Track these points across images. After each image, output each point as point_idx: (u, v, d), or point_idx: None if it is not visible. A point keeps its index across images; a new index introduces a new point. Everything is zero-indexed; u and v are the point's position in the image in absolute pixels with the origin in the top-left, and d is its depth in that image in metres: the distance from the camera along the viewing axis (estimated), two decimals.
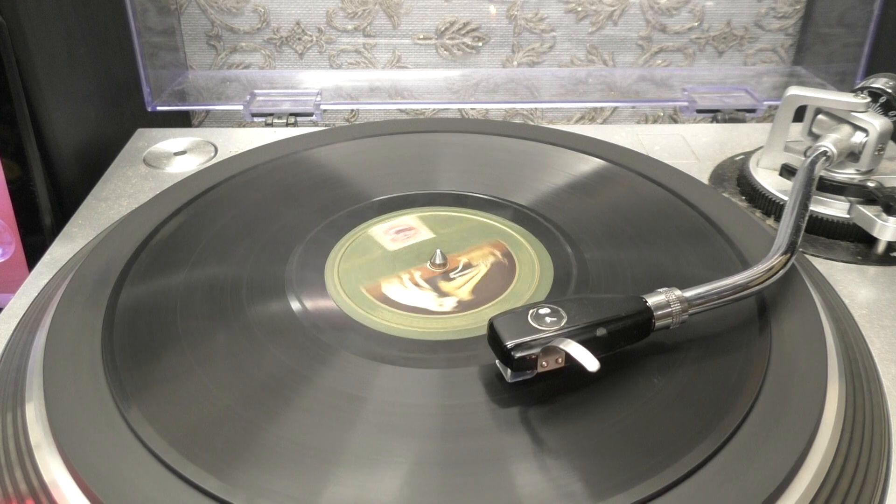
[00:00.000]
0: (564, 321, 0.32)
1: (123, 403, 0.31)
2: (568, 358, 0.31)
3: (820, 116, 0.51)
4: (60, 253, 0.47)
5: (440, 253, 0.42)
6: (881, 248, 0.47)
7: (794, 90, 0.52)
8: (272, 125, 0.68)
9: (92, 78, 0.63)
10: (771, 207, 0.51)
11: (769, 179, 0.53)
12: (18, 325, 0.41)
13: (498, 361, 0.33)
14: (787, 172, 0.51)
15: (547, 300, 0.35)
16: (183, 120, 0.83)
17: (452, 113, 0.84)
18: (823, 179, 0.48)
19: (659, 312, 0.33)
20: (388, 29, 0.79)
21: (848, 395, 0.34)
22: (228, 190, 0.48)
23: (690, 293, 0.34)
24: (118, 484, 0.28)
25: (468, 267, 0.41)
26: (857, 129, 0.49)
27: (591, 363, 0.30)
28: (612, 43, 0.80)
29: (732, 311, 0.36)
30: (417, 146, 0.54)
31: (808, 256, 0.46)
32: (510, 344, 0.31)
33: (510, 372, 0.32)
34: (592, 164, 0.51)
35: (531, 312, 0.32)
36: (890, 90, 0.50)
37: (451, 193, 0.48)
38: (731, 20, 0.80)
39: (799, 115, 0.53)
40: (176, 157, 0.60)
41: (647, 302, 0.33)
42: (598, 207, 0.46)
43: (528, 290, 0.40)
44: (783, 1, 0.79)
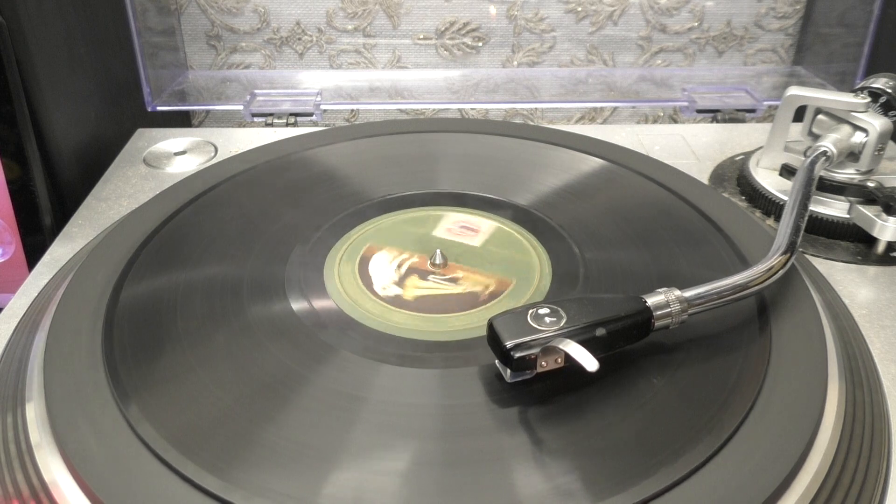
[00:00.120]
0: (564, 321, 0.32)
1: (123, 403, 0.31)
2: (567, 358, 0.31)
3: (820, 116, 0.51)
4: (60, 253, 0.47)
5: (440, 253, 0.42)
6: (881, 248, 0.47)
7: (794, 90, 0.52)
8: (272, 125, 0.68)
9: (92, 78, 0.63)
10: (771, 207, 0.51)
11: (769, 179, 0.53)
12: (18, 325, 0.41)
13: (497, 361, 0.33)
14: (787, 172, 0.51)
15: (546, 300, 0.35)
16: (183, 120, 0.83)
17: (452, 113, 0.84)
18: (823, 179, 0.48)
19: (658, 312, 0.33)
20: (388, 29, 0.79)
21: (848, 395, 0.34)
22: (228, 190, 0.48)
23: (690, 293, 0.34)
24: (118, 483, 0.28)
25: (449, 281, 0.41)
26: (857, 129, 0.49)
27: (590, 363, 0.30)
28: (612, 43, 0.80)
29: (732, 311, 0.36)
30: (417, 146, 0.54)
31: (808, 256, 0.46)
32: (510, 344, 0.31)
33: (510, 372, 0.32)
34: (592, 164, 0.51)
35: (531, 312, 0.32)
36: (890, 90, 0.50)
37: (451, 193, 0.48)
38: (731, 20, 0.80)
39: (799, 115, 0.53)
40: (176, 157, 0.60)
41: (646, 302, 0.33)
42: (598, 207, 0.46)
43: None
44: (783, 1, 0.79)
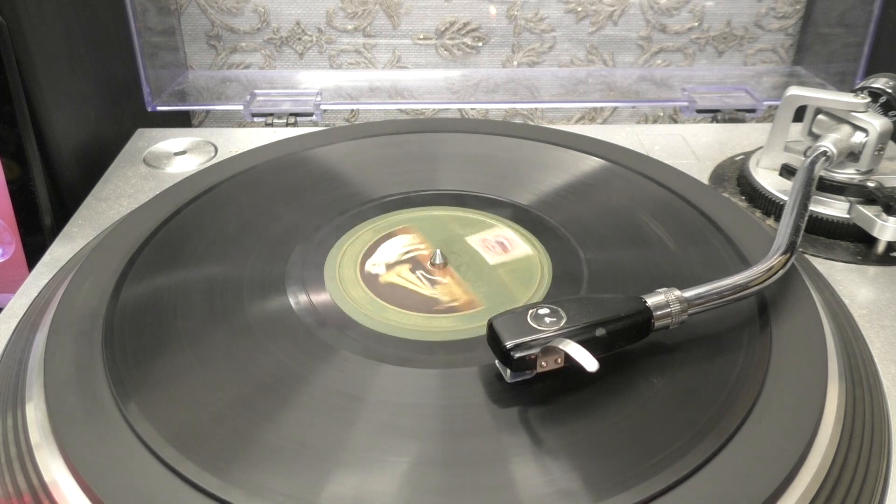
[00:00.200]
0: (564, 321, 0.32)
1: (123, 402, 0.31)
2: (567, 358, 0.31)
3: (820, 116, 0.51)
4: (60, 253, 0.47)
5: (440, 254, 0.42)
6: (881, 248, 0.47)
7: (794, 90, 0.52)
8: (272, 125, 0.68)
9: (92, 78, 0.63)
10: (771, 207, 0.51)
11: (769, 179, 0.53)
12: (18, 325, 0.41)
13: (497, 361, 0.33)
14: (787, 172, 0.51)
15: (546, 300, 0.35)
16: (183, 120, 0.83)
17: (452, 113, 0.84)
18: (823, 179, 0.48)
19: (658, 312, 0.33)
20: (388, 29, 0.79)
21: (848, 395, 0.34)
22: (228, 190, 0.48)
23: (690, 293, 0.34)
24: (118, 483, 0.28)
25: (429, 282, 0.41)
26: (857, 129, 0.49)
27: (590, 363, 0.30)
28: (612, 43, 0.80)
29: (732, 311, 0.36)
30: (417, 146, 0.54)
31: (808, 256, 0.46)
32: (509, 344, 0.31)
33: (510, 372, 0.32)
34: (592, 164, 0.51)
35: (530, 313, 0.32)
36: (890, 90, 0.50)
37: (451, 193, 0.48)
38: (731, 20, 0.80)
39: (799, 115, 0.53)
40: (176, 157, 0.60)
41: (646, 302, 0.33)
42: (598, 207, 0.46)
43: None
44: (783, 1, 0.79)
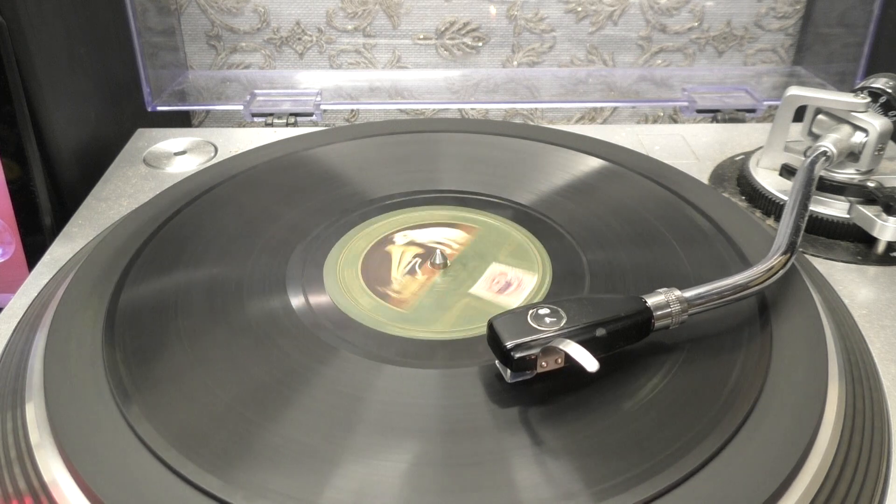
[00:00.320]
0: (564, 321, 0.32)
1: (123, 403, 0.31)
2: (567, 358, 0.31)
3: (820, 116, 0.51)
4: (60, 253, 0.47)
5: (440, 254, 0.42)
6: (881, 248, 0.47)
7: (794, 90, 0.52)
8: (272, 125, 0.68)
9: (92, 78, 0.63)
10: (771, 207, 0.51)
11: (769, 179, 0.53)
12: (18, 325, 0.41)
13: (497, 362, 0.33)
14: (787, 172, 0.51)
15: (546, 300, 0.35)
16: (183, 120, 0.83)
17: (452, 113, 0.84)
18: (823, 179, 0.48)
19: (658, 313, 0.33)
20: (388, 29, 0.79)
21: (848, 395, 0.34)
22: (228, 190, 0.48)
23: (690, 293, 0.34)
24: (118, 483, 0.28)
25: (412, 272, 0.41)
26: (857, 129, 0.49)
27: (590, 363, 0.30)
28: (612, 43, 0.80)
29: (732, 311, 0.36)
30: (417, 146, 0.54)
31: (808, 256, 0.46)
32: (510, 344, 0.31)
33: (510, 372, 0.32)
34: (592, 164, 0.51)
35: (531, 313, 0.32)
36: (890, 90, 0.50)
37: (451, 193, 0.48)
38: (731, 20, 0.80)
39: (799, 115, 0.53)
40: (176, 157, 0.60)
41: (646, 302, 0.33)
42: (598, 207, 0.46)
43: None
44: (783, 1, 0.79)
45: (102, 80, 0.65)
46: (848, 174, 0.49)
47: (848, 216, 0.48)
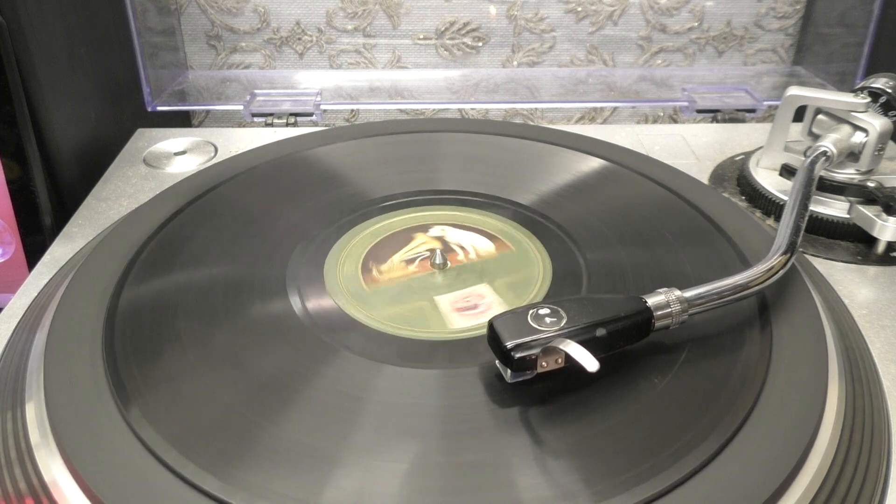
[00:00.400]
0: (564, 321, 0.32)
1: (123, 403, 0.31)
2: (568, 358, 0.31)
3: (820, 116, 0.51)
4: (60, 253, 0.47)
5: (440, 254, 0.42)
6: (881, 248, 0.47)
7: (794, 90, 0.52)
8: (272, 125, 0.68)
9: (92, 78, 0.63)
10: (771, 207, 0.51)
11: (769, 179, 0.53)
12: (18, 325, 0.41)
13: (498, 362, 0.33)
14: (787, 172, 0.51)
15: (547, 300, 0.35)
16: (183, 120, 0.83)
17: (452, 113, 0.84)
18: (823, 179, 0.48)
19: (659, 313, 0.33)
20: (388, 29, 0.79)
21: (848, 395, 0.34)
22: (229, 190, 0.48)
23: (690, 293, 0.34)
24: (118, 484, 0.28)
25: (409, 261, 0.42)
26: (857, 129, 0.49)
27: (590, 363, 0.30)
28: (612, 43, 0.80)
29: (732, 311, 0.36)
30: (417, 146, 0.54)
31: (808, 256, 0.46)
32: (510, 344, 0.31)
33: (510, 372, 0.32)
34: (592, 164, 0.51)
35: (531, 313, 0.32)
36: (890, 90, 0.50)
37: (451, 193, 0.48)
38: (731, 20, 0.80)
39: (799, 115, 0.53)
40: (176, 157, 0.60)
41: (646, 302, 0.33)
42: (598, 207, 0.46)
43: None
44: (783, 1, 0.79)
45: (102, 80, 0.65)
46: (848, 174, 0.49)
47: (848, 216, 0.48)
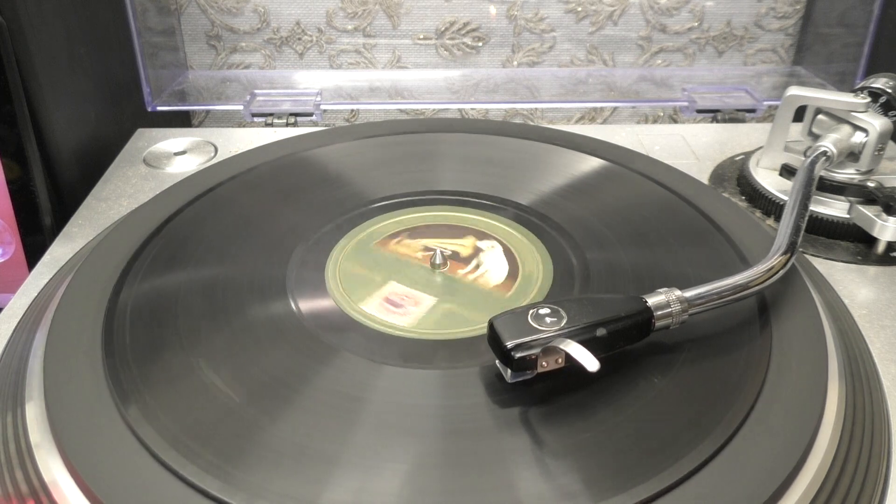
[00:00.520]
0: (564, 321, 0.32)
1: (123, 403, 0.31)
2: (568, 358, 0.31)
3: (820, 116, 0.51)
4: (60, 253, 0.47)
5: (440, 254, 0.42)
6: (881, 248, 0.47)
7: (794, 90, 0.52)
8: (272, 125, 0.68)
9: (92, 78, 0.63)
10: (771, 207, 0.51)
11: (769, 179, 0.53)
12: (18, 325, 0.41)
13: (498, 362, 0.33)
14: (787, 172, 0.51)
15: (547, 300, 0.35)
16: (183, 120, 0.83)
17: (452, 113, 0.84)
18: (823, 179, 0.48)
19: (659, 312, 0.33)
20: (388, 29, 0.79)
21: (848, 395, 0.34)
22: (228, 190, 0.48)
23: (690, 293, 0.34)
24: (118, 484, 0.28)
25: (425, 250, 0.41)
26: (857, 129, 0.49)
27: (590, 363, 0.30)
28: (612, 43, 0.80)
29: (732, 311, 0.36)
30: (417, 146, 0.54)
31: (808, 256, 0.46)
32: (510, 344, 0.31)
33: (510, 372, 0.32)
34: (592, 164, 0.51)
35: (531, 313, 0.32)
36: (890, 90, 0.50)
37: (451, 193, 0.48)
38: (731, 20, 0.80)
39: (799, 115, 0.53)
40: (176, 157, 0.60)
41: (646, 302, 0.33)
42: (598, 207, 0.46)
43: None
44: (783, 1, 0.79)
45: (102, 80, 0.65)
46: (848, 174, 0.49)
47: (848, 216, 0.48)
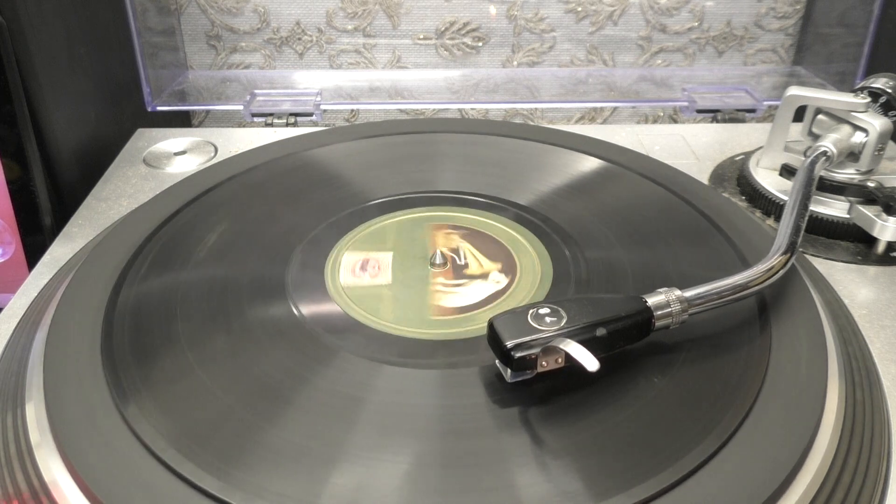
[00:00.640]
0: (564, 321, 0.32)
1: (123, 403, 0.31)
2: (568, 358, 0.31)
3: (820, 116, 0.51)
4: (60, 253, 0.47)
5: (440, 254, 0.42)
6: (881, 248, 0.47)
7: (794, 90, 0.52)
8: (272, 125, 0.68)
9: (92, 78, 0.63)
10: (771, 207, 0.51)
11: (769, 179, 0.53)
12: (18, 325, 0.41)
13: (498, 361, 0.33)
14: (787, 172, 0.51)
15: (547, 300, 0.35)
16: (183, 120, 0.83)
17: (452, 113, 0.84)
18: (823, 179, 0.48)
19: (659, 312, 0.33)
20: (388, 29, 0.79)
21: (848, 395, 0.34)
22: (228, 190, 0.48)
23: (690, 293, 0.34)
24: (118, 484, 0.28)
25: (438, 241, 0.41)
26: (857, 129, 0.49)
27: (590, 363, 0.30)
28: (612, 43, 0.80)
29: (732, 311, 0.36)
30: (417, 146, 0.54)
31: (808, 256, 0.46)
32: (510, 344, 0.31)
33: (510, 372, 0.32)
34: (592, 164, 0.51)
35: (531, 312, 0.32)
36: (890, 90, 0.50)
37: (451, 193, 0.48)
38: (731, 20, 0.80)
39: (799, 115, 0.53)
40: (176, 157, 0.60)
41: (646, 302, 0.33)
42: (598, 207, 0.46)
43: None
44: (783, 1, 0.79)
45: (102, 80, 0.65)
46: (848, 174, 0.49)
47: (848, 216, 0.48)
